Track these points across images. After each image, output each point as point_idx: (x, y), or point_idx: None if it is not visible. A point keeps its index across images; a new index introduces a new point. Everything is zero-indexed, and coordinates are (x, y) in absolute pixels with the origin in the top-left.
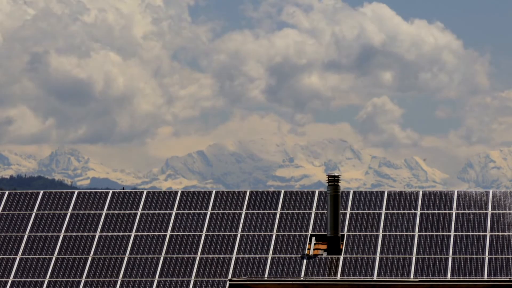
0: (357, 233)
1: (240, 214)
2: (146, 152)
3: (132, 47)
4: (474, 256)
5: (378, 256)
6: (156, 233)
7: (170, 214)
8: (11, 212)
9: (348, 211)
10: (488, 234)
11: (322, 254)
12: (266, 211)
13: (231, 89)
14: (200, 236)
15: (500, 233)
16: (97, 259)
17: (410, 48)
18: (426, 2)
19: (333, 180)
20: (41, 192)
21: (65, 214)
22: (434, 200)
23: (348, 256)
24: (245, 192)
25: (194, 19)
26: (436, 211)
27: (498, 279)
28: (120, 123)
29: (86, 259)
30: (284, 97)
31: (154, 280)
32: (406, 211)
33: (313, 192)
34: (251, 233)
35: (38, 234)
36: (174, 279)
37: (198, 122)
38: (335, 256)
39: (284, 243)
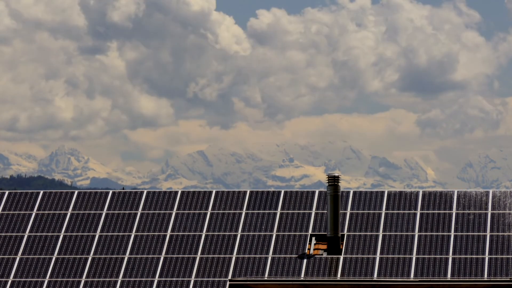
0: (357, 233)
1: (240, 214)
2: None
3: None
4: (474, 256)
5: (378, 256)
6: (156, 233)
7: (170, 214)
8: (11, 212)
9: (348, 211)
10: (488, 234)
11: (322, 254)
12: (266, 211)
13: None
14: (200, 236)
15: (500, 233)
16: (97, 259)
17: None
18: None
19: (333, 180)
20: (41, 192)
21: (65, 214)
22: (434, 200)
23: (348, 256)
24: (245, 192)
25: None
26: (436, 211)
27: (498, 279)
28: None
29: (86, 259)
30: None
31: (154, 280)
32: (406, 211)
33: (313, 192)
34: (251, 233)
35: (38, 234)
36: (174, 279)
37: None
38: (335, 256)
39: (284, 243)
